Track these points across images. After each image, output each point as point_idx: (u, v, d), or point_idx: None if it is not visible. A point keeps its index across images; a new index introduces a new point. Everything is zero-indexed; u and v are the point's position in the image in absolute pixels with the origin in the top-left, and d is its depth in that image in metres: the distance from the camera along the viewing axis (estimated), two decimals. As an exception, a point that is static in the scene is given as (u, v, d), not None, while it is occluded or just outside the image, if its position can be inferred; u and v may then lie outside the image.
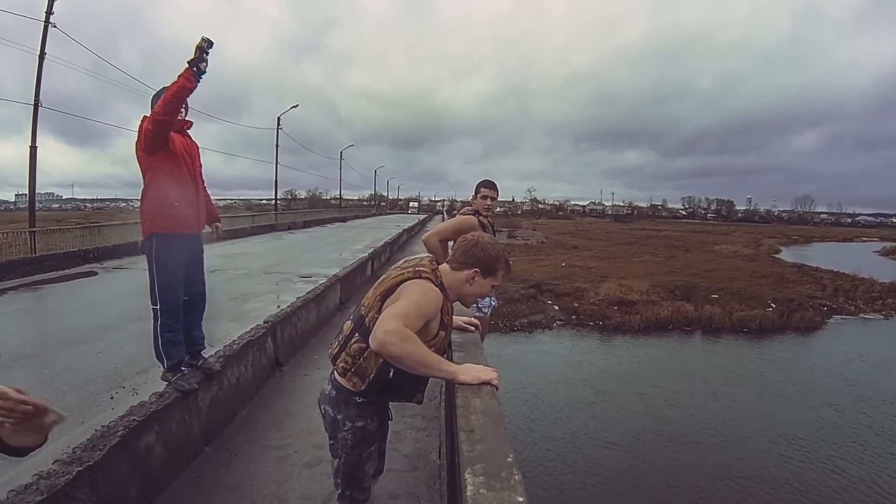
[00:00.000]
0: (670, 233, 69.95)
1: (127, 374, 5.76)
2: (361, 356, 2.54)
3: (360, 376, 2.55)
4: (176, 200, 4.06)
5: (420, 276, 2.60)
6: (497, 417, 1.96)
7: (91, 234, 17.95)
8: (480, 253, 2.71)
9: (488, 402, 2.15)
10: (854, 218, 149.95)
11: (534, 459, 11.11)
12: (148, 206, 4.03)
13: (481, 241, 2.76)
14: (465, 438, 1.78)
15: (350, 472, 2.71)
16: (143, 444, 3.40)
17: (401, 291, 2.52)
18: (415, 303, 2.44)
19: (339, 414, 2.65)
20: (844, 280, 32.00)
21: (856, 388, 16.14)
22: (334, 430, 2.68)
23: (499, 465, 1.57)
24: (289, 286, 11.22)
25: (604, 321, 22.17)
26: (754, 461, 11.52)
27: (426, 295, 2.51)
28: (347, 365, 2.57)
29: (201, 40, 3.70)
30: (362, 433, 2.66)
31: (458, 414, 2.04)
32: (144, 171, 4.04)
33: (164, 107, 3.77)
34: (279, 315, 6.43)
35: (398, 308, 2.41)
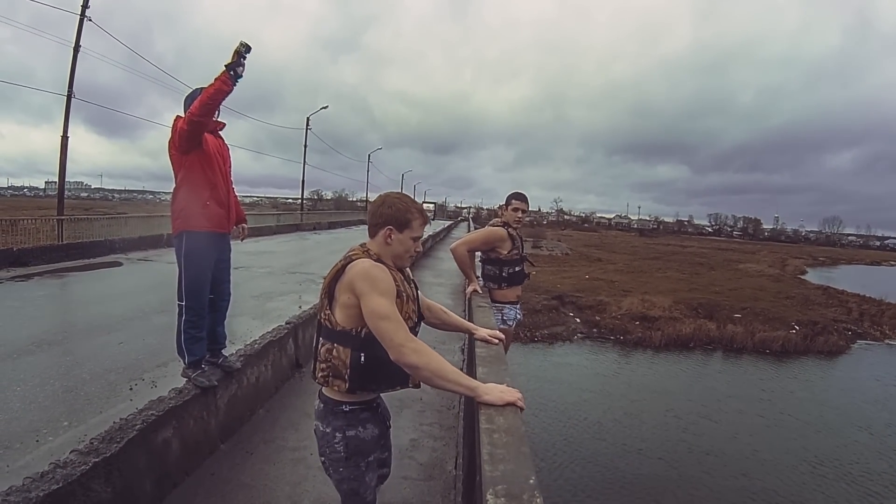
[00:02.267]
0: (695, 249, 69.43)
1: (147, 366, 5.79)
2: (331, 355, 2.50)
3: (338, 376, 2.50)
4: (207, 200, 4.09)
5: (352, 259, 2.56)
6: (520, 437, 1.92)
7: (118, 224, 18.14)
8: (388, 210, 2.64)
9: (512, 420, 2.11)
10: (883, 241, 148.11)
11: (550, 468, 11.04)
12: (179, 204, 4.06)
13: (388, 198, 2.72)
14: (488, 458, 1.74)
15: (351, 487, 2.63)
16: (161, 439, 3.41)
17: (351, 285, 2.46)
18: (377, 294, 2.41)
19: (328, 427, 2.58)
20: (871, 304, 31.56)
21: (880, 413, 15.92)
22: (326, 444, 2.60)
23: (521, 487, 1.54)
24: (312, 287, 11.25)
25: (625, 336, 22.02)
26: (773, 482, 11.39)
27: (375, 277, 2.46)
28: (325, 371, 2.53)
29: (240, 45, 3.72)
30: (356, 442, 2.58)
31: (482, 431, 2.00)
32: (177, 170, 4.07)
33: (200, 108, 3.79)
34: (301, 316, 6.43)
35: (372, 312, 2.38)
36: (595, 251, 53.58)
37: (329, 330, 2.49)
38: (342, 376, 2.49)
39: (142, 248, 16.98)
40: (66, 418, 4.32)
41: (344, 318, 2.48)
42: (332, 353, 2.50)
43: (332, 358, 2.51)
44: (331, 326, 2.49)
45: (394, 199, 2.70)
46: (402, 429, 4.48)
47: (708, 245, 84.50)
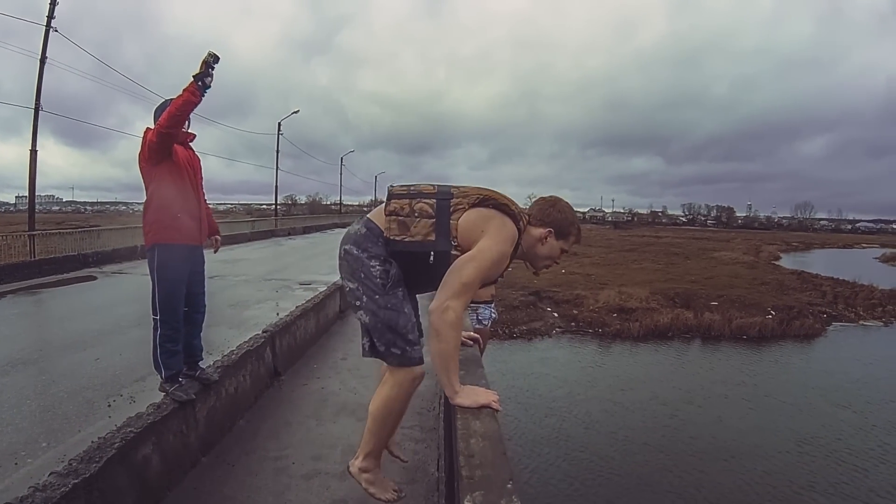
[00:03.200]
0: (670, 239, 69.74)
1: (125, 381, 5.77)
2: (421, 216, 2.54)
3: (402, 229, 2.55)
4: (179, 212, 4.08)
5: (507, 212, 2.62)
6: (497, 441, 1.94)
7: (91, 237, 17.99)
8: (558, 214, 2.75)
9: (488, 424, 2.13)
10: (854, 224, 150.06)
11: (541, 460, 11.07)
12: (150, 217, 4.05)
13: (560, 204, 2.80)
14: (465, 463, 1.76)
15: (390, 317, 2.58)
16: (140, 456, 3.38)
17: (487, 223, 2.53)
18: (490, 261, 2.47)
19: (363, 252, 2.60)
20: (844, 287, 31.95)
21: (861, 391, 16.22)
22: (360, 267, 2.60)
23: (498, 493, 1.55)
24: (288, 293, 11.25)
25: (603, 328, 22.11)
26: (760, 462, 11.53)
27: (503, 246, 2.52)
28: (400, 210, 2.56)
29: (207, 55, 3.73)
30: (394, 272, 2.60)
31: (458, 437, 2.02)
32: (147, 183, 4.06)
33: (169, 119, 3.79)
34: (278, 324, 6.41)
35: (476, 253, 2.46)
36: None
37: (445, 210, 2.56)
38: (403, 234, 2.55)
39: (116, 260, 16.87)
40: (45, 439, 4.30)
41: (453, 230, 2.54)
42: (423, 215, 2.56)
43: (416, 216, 2.56)
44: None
45: (565, 207, 2.81)
46: (383, 433, 4.49)
47: (682, 235, 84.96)
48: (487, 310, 4.95)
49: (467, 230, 2.52)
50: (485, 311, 4.92)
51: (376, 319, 2.57)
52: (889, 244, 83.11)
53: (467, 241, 2.52)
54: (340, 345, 7.45)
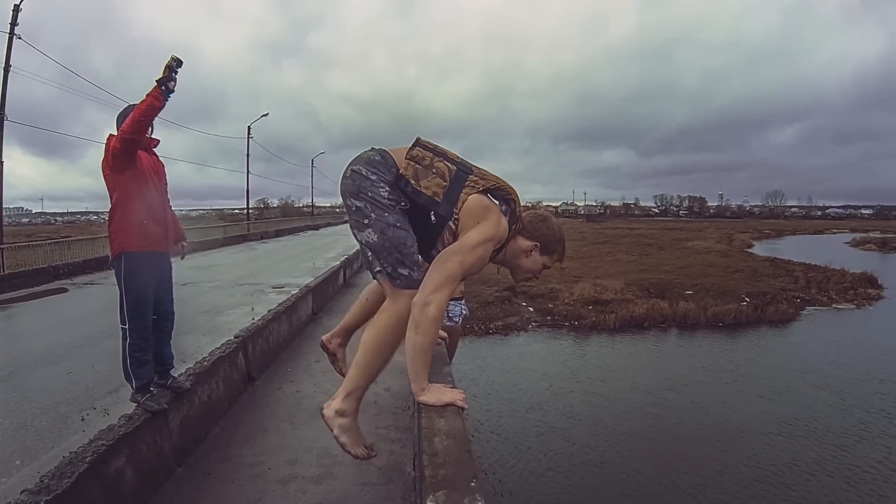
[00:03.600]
0: (643, 231, 70.31)
1: (98, 394, 5.72)
2: (437, 174, 2.59)
3: (416, 176, 2.57)
4: (144, 219, 4.05)
5: (511, 210, 2.71)
6: (462, 440, 1.95)
7: (61, 249, 17.76)
8: (547, 230, 2.83)
9: (453, 423, 2.14)
10: (824, 210, 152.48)
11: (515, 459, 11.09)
12: (116, 224, 4.02)
13: (550, 219, 2.90)
14: (428, 462, 1.77)
15: (398, 236, 2.54)
16: (113, 469, 3.34)
17: (485, 215, 2.57)
18: (475, 256, 2.53)
19: (374, 175, 2.57)
20: (816, 272, 32.46)
21: (838, 372, 16.50)
22: (368, 186, 2.56)
23: (462, 492, 1.56)
24: (261, 297, 11.19)
25: (579, 321, 22.17)
26: (742, 444, 11.73)
27: (490, 245, 2.59)
28: (421, 160, 2.60)
29: (170, 59, 3.71)
30: (403, 205, 2.60)
31: (422, 436, 2.03)
32: (111, 190, 4.03)
33: (133, 125, 3.76)
34: (250, 329, 6.38)
35: (462, 245, 2.51)
36: (545, 240, 53.79)
37: (460, 184, 2.62)
38: (415, 180, 2.59)
39: (87, 271, 16.68)
40: (18, 456, 4.25)
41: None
42: (440, 173, 2.61)
43: (433, 170, 2.61)
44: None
45: (554, 225, 2.90)
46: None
47: (655, 226, 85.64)
48: (458, 306, 4.96)
49: (469, 211, 2.56)
50: (455, 308, 4.93)
51: (384, 238, 2.53)
52: (859, 229, 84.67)
53: (464, 221, 2.56)
54: (314, 347, 7.40)
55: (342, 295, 11.88)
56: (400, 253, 2.52)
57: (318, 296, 9.96)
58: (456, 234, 2.59)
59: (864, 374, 16.23)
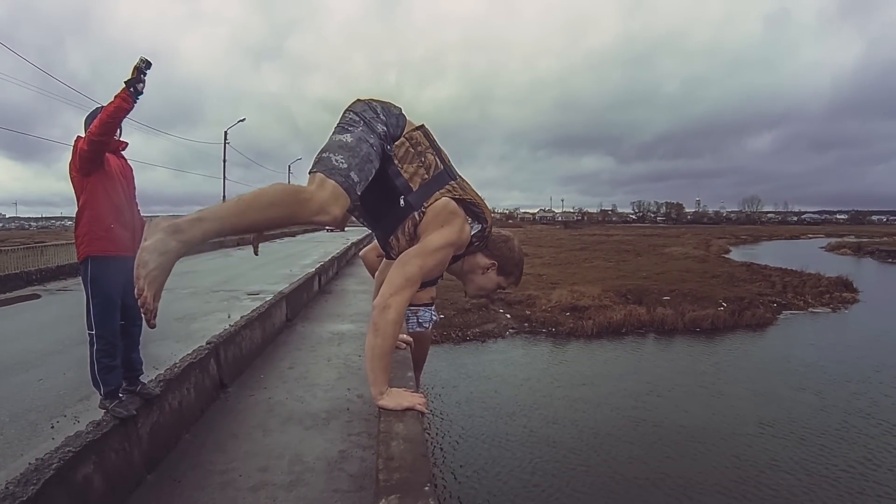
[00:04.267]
0: (621, 237, 70.72)
1: (69, 401, 5.66)
2: (422, 165, 2.62)
3: (402, 155, 2.60)
4: (112, 223, 4.02)
5: (480, 220, 2.73)
6: (419, 444, 1.95)
7: (34, 254, 17.61)
8: (508, 251, 2.85)
9: (412, 427, 2.14)
10: (800, 216, 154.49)
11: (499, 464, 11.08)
12: (83, 228, 3.99)
13: (513, 241, 2.92)
14: (383, 466, 1.77)
15: (367, 152, 2.50)
16: (80, 476, 3.31)
17: (450, 220, 2.57)
18: (435, 260, 2.55)
19: (384, 116, 2.62)
20: (792, 276, 32.77)
21: (818, 374, 16.73)
22: (366, 116, 2.58)
23: (415, 496, 1.56)
24: (237, 304, 11.14)
25: (557, 327, 22.20)
26: (725, 445, 11.84)
27: (450, 250, 2.59)
28: (416, 144, 2.64)
29: (139, 61, 3.70)
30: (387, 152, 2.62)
31: (379, 440, 2.03)
32: (79, 193, 4.00)
33: (101, 127, 3.73)
34: (222, 335, 6.35)
35: (423, 247, 2.52)
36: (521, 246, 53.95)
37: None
38: (402, 161, 2.61)
39: (61, 277, 16.50)
40: (-15, 464, 4.20)
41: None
42: (426, 155, 2.65)
43: (422, 158, 2.63)
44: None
45: (516, 248, 2.92)
46: (330, 441, 4.48)
47: (633, 232, 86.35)
48: (428, 312, 4.95)
49: (435, 211, 2.57)
50: (425, 314, 4.93)
51: (357, 147, 2.48)
52: (834, 234, 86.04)
53: (428, 220, 2.57)
54: (288, 354, 7.40)
55: (317, 302, 11.85)
56: (358, 159, 2.44)
57: (292, 302, 9.91)
58: (417, 226, 2.59)
59: (842, 376, 16.44)
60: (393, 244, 2.67)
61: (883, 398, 14.68)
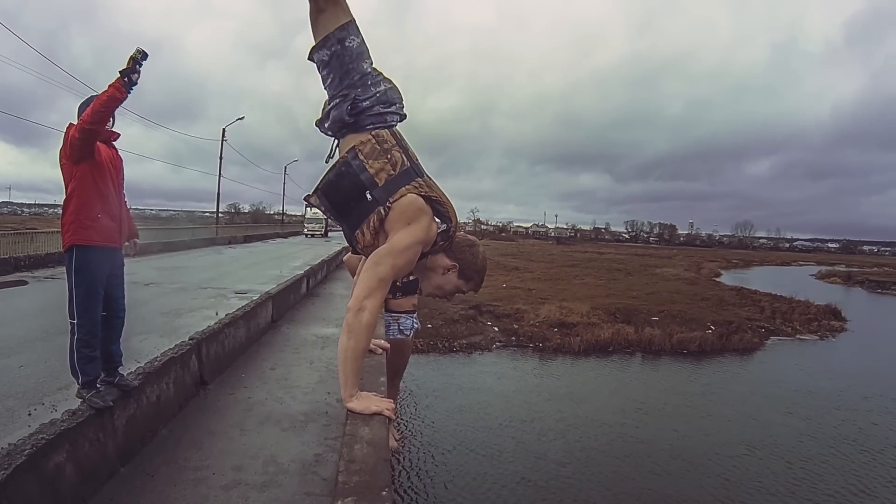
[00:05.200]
0: (613, 256, 70.99)
1: (48, 389, 5.65)
2: (389, 161, 2.67)
3: (369, 151, 2.67)
4: (99, 212, 4.01)
5: (444, 219, 2.77)
6: (382, 448, 1.96)
7: (24, 240, 17.53)
8: (471, 256, 2.86)
9: (377, 431, 2.15)
10: (792, 243, 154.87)
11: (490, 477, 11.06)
12: (69, 216, 3.98)
13: (477, 247, 2.92)
14: (344, 469, 1.78)
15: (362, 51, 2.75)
16: (52, 465, 3.29)
17: (417, 217, 2.60)
18: (405, 259, 2.58)
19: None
20: (782, 303, 33.00)
21: (806, 399, 16.96)
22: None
23: (372, 499, 1.57)
24: (223, 301, 11.13)
25: (544, 343, 22.22)
26: (712, 466, 11.97)
27: (418, 248, 2.62)
28: (383, 141, 2.70)
29: (135, 51, 3.70)
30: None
31: (344, 443, 2.04)
32: (67, 181, 3.98)
33: (93, 116, 3.73)
34: (205, 332, 6.33)
35: (387, 267, 2.53)
36: (512, 260, 53.86)
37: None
38: (367, 157, 2.68)
39: (50, 264, 16.45)
40: (-42, 449, 4.18)
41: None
42: (393, 152, 2.71)
43: (389, 154, 2.70)
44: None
45: (479, 254, 2.93)
46: (306, 443, 4.48)
47: (625, 251, 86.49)
48: (409, 320, 4.96)
49: (401, 207, 2.59)
50: (406, 322, 4.93)
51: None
52: (825, 262, 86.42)
53: (395, 216, 2.60)
54: (271, 355, 7.38)
55: (304, 304, 11.82)
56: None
57: (278, 303, 9.88)
58: (383, 222, 2.62)
59: (829, 403, 16.68)
60: (359, 238, 2.71)
61: (871, 426, 14.84)
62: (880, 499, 10.92)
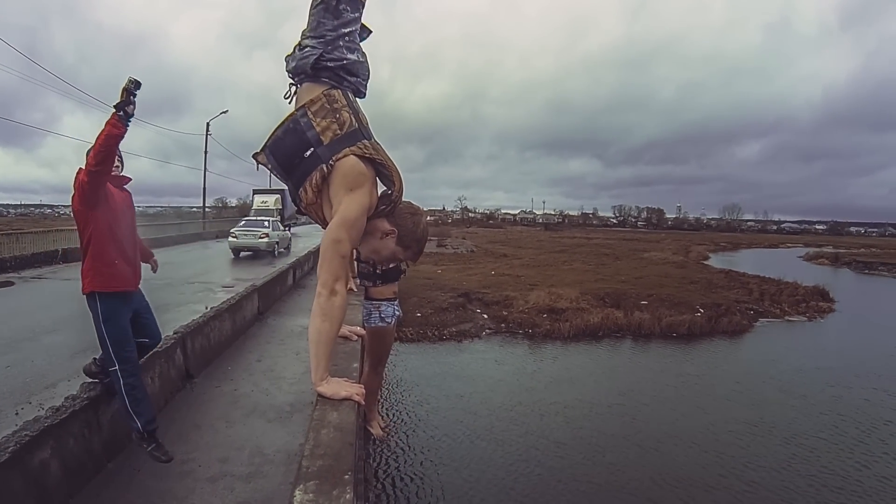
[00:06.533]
0: (601, 241, 70.90)
1: (35, 388, 5.66)
2: (336, 122, 2.67)
3: (318, 110, 2.69)
4: (116, 258, 3.95)
5: (387, 183, 2.79)
6: (349, 433, 1.98)
7: (10, 241, 17.41)
8: (411, 224, 2.85)
9: (345, 416, 2.17)
10: (779, 225, 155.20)
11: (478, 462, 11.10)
12: (87, 263, 3.89)
13: (420, 216, 2.93)
14: (309, 453, 1.79)
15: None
16: (37, 461, 3.32)
17: (359, 183, 2.60)
18: (357, 229, 2.59)
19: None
20: (770, 284, 33.04)
21: (803, 379, 17.07)
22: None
23: (332, 483, 1.59)
24: (210, 296, 11.14)
25: (533, 329, 22.21)
26: (713, 445, 12.04)
27: (364, 214, 2.62)
28: (334, 101, 2.70)
29: (128, 82, 3.53)
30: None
31: (310, 427, 2.06)
32: (83, 227, 3.88)
33: (96, 157, 3.61)
34: (189, 325, 6.35)
35: (346, 243, 2.56)
36: (500, 247, 53.74)
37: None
38: (316, 115, 2.70)
39: (36, 265, 16.40)
40: (-56, 448, 4.19)
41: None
42: (342, 112, 2.71)
43: (337, 115, 2.70)
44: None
45: (421, 223, 2.94)
46: (292, 434, 4.52)
47: (613, 236, 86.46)
48: (390, 307, 4.95)
49: (343, 170, 2.59)
50: (388, 309, 4.92)
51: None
52: (812, 243, 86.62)
53: (337, 178, 2.60)
54: (256, 347, 7.41)
55: (290, 296, 11.84)
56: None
57: (264, 296, 9.88)
58: (326, 179, 2.62)
59: (821, 381, 16.81)
60: (302, 196, 2.71)
61: (863, 402, 15.03)
62: (875, 471, 11.09)
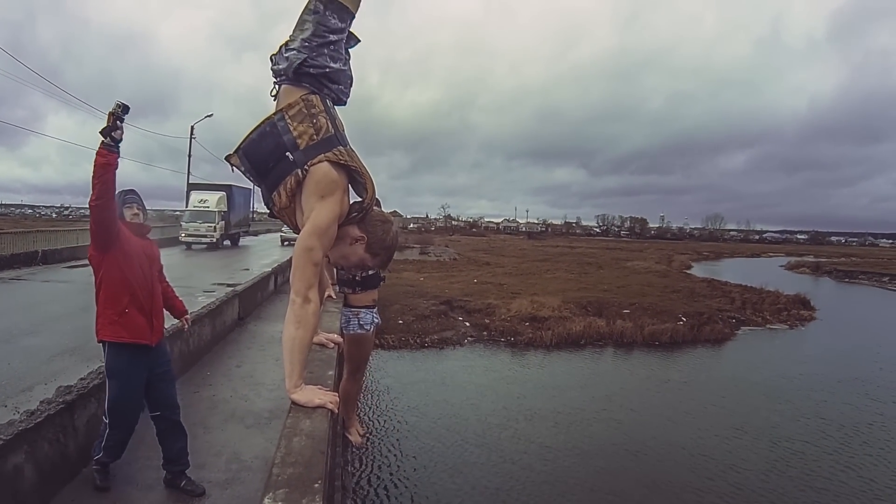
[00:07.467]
0: (584, 249, 71.16)
1: (11, 391, 5.61)
2: (313, 126, 2.63)
3: (296, 114, 2.64)
4: (127, 306, 3.75)
5: (354, 177, 2.74)
6: (321, 441, 1.97)
7: (-11, 242, 17.25)
8: (381, 232, 2.83)
9: (318, 424, 2.17)
10: (761, 235, 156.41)
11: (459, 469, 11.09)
12: (99, 308, 3.74)
13: (390, 225, 2.89)
14: (279, 461, 1.79)
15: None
16: (11, 466, 3.28)
17: (332, 191, 2.58)
18: (329, 237, 2.58)
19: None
20: (752, 293, 33.31)
21: (787, 385, 17.47)
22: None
23: (303, 491, 1.58)
24: (192, 301, 11.03)
25: (516, 337, 22.27)
26: (699, 447, 12.27)
27: (335, 222, 2.60)
28: (312, 105, 2.66)
29: (115, 106, 3.32)
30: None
31: (283, 435, 2.05)
32: (96, 271, 3.76)
33: (94, 191, 3.43)
34: (168, 330, 6.31)
35: (318, 251, 2.55)
36: (483, 255, 53.83)
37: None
38: (293, 119, 2.65)
39: (15, 266, 16.24)
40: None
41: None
42: (319, 118, 2.66)
43: (314, 120, 2.65)
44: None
45: (391, 231, 2.90)
46: (270, 440, 4.50)
47: (596, 245, 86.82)
48: (369, 315, 4.92)
49: (316, 177, 2.57)
50: (367, 316, 4.89)
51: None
52: (794, 253, 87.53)
53: (310, 185, 2.58)
54: (237, 352, 7.38)
55: (271, 301, 11.79)
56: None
57: (245, 301, 9.82)
58: (301, 184, 2.60)
59: (804, 387, 17.23)
60: (275, 200, 2.68)
61: (845, 406, 15.46)
62: (859, 472, 11.27)
